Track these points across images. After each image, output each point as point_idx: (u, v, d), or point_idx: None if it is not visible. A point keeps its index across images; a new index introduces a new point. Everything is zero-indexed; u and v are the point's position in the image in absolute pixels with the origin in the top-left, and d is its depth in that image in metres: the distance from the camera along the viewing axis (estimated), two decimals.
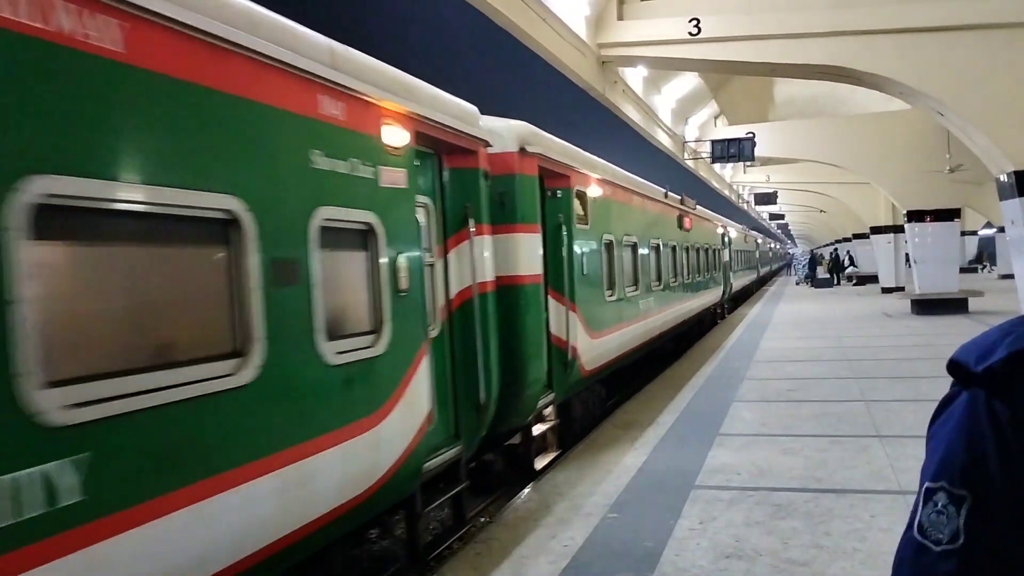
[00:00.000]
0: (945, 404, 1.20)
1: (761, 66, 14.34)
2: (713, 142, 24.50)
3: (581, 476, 7.52)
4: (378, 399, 5.03)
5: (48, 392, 2.76)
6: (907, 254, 26.49)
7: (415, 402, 5.48)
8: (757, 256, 50.05)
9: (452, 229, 6.58)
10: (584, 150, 10.62)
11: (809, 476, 7.08)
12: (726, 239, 28.77)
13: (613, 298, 11.52)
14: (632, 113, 19.22)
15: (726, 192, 43.09)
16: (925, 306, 22.00)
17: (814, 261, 47.89)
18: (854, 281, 42.96)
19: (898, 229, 29.50)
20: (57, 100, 2.94)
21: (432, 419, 5.76)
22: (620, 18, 14.99)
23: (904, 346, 15.78)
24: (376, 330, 5.11)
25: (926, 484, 1.20)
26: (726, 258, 28.37)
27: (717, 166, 33.93)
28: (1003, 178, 11.78)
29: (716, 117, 30.71)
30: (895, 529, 5.57)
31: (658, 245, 15.37)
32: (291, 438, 4.14)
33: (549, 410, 9.14)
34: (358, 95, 4.93)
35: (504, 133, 7.81)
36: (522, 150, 8.05)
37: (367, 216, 5.02)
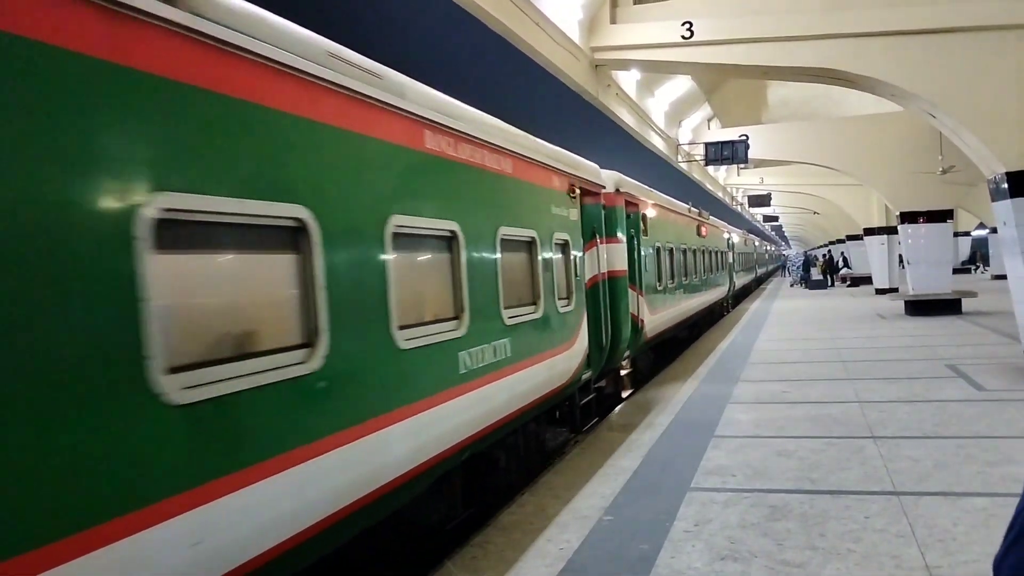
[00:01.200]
0: None
1: (753, 69, 14.38)
2: (707, 144, 24.55)
3: (577, 479, 7.54)
4: (571, 334, 9.45)
5: (506, 311, 7.25)
6: (900, 255, 26.56)
7: (582, 338, 9.91)
8: (755, 257, 55.56)
9: (586, 239, 10.61)
10: (578, 153, 10.85)
11: (804, 477, 7.10)
12: (730, 243, 32.76)
13: (661, 288, 16.02)
14: (626, 116, 19.26)
15: (720, 194, 43.15)
16: (919, 307, 22.09)
17: (808, 262, 47.91)
18: (848, 282, 43.09)
19: (891, 230, 29.60)
20: (508, 192, 7.68)
21: (587, 350, 10.13)
22: (613, 21, 15.02)
23: (898, 347, 15.84)
24: (569, 296, 9.44)
25: None
26: (730, 259, 32.50)
27: (711, 168, 34.00)
28: (995, 179, 11.83)
29: (709, 120, 30.76)
30: (890, 530, 5.61)
31: (685, 250, 19.60)
32: (550, 346, 8.60)
33: (626, 362, 13.45)
34: (562, 171, 9.49)
35: (608, 180, 12.14)
36: (617, 190, 12.50)
37: (566, 236, 9.48)
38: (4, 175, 2.80)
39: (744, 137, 24.02)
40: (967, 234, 53.72)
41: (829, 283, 43.55)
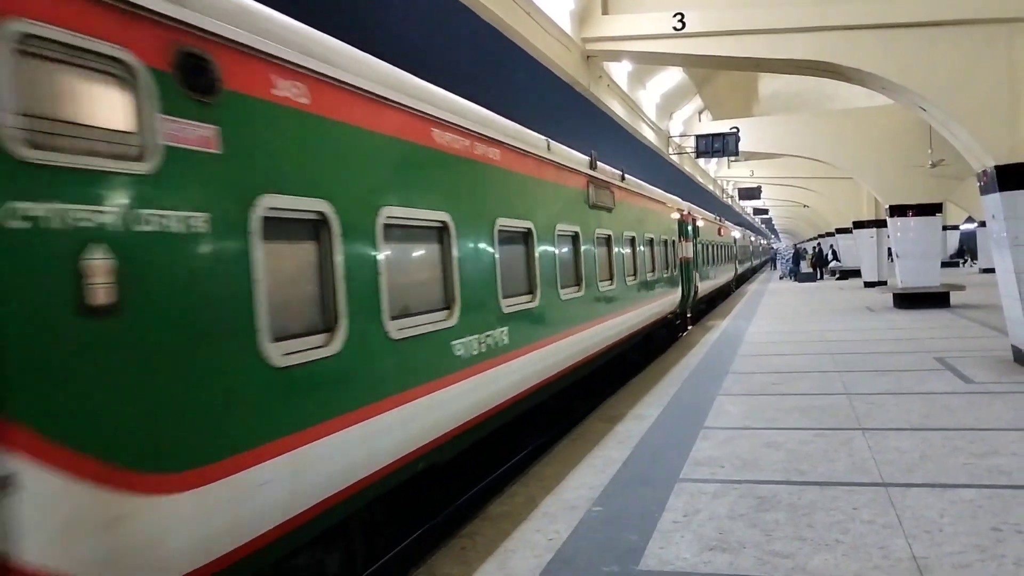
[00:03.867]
0: None
1: (745, 61, 14.36)
2: (698, 137, 24.58)
3: (567, 470, 7.54)
4: (676, 286, 19.66)
5: (663, 271, 18.19)
6: (889, 248, 26.68)
7: (679, 289, 19.97)
8: (751, 251, 69.33)
9: (680, 237, 20.56)
10: (568, 145, 10.89)
11: (792, 469, 7.13)
12: (735, 239, 42.93)
13: (703, 269, 25.40)
14: (617, 108, 19.24)
15: (711, 187, 43.20)
16: (907, 300, 22.20)
17: (798, 256, 47.94)
18: (837, 275, 43.22)
19: (880, 224, 29.72)
20: (663, 219, 18.86)
21: (681, 296, 20.24)
22: (605, 12, 14.99)
23: (886, 340, 15.90)
24: (676, 268, 19.81)
25: None
26: (735, 252, 42.55)
27: (701, 161, 34.04)
28: (984, 173, 11.87)
29: (700, 112, 30.76)
30: (877, 521, 5.63)
31: (713, 245, 29.71)
32: (671, 288, 18.96)
33: (688, 312, 22.13)
34: (673, 205, 19.95)
35: (683, 205, 21.69)
36: (688, 212, 22.05)
37: (675, 238, 19.99)
38: None
39: (735, 130, 24.06)
40: (956, 228, 53.97)
41: (818, 276, 43.68)
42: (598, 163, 12.12)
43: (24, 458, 2.94)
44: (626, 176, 14.29)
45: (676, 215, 20.21)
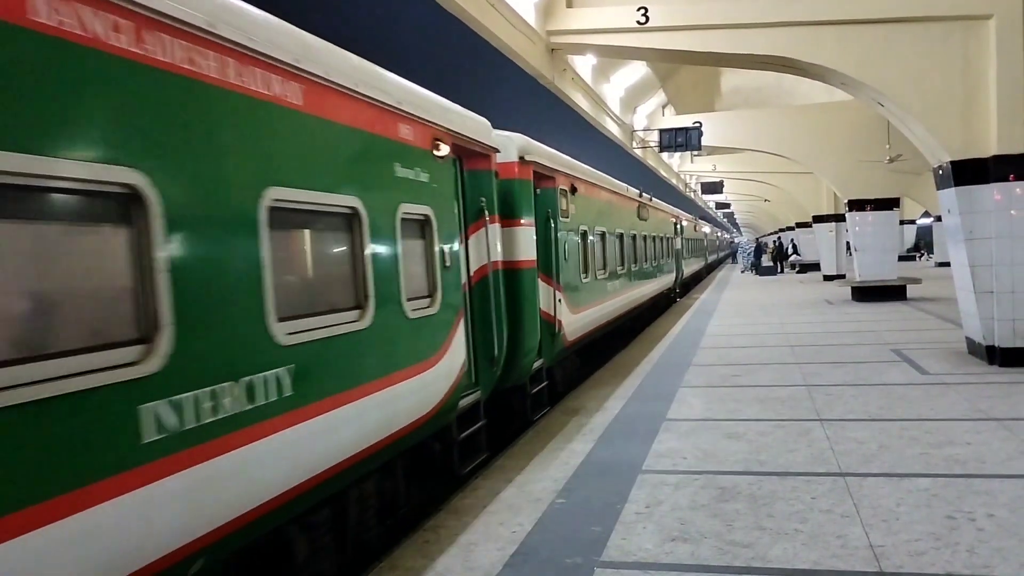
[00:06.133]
0: None
1: (707, 56, 14.45)
2: (661, 131, 24.70)
3: (530, 463, 7.55)
4: (673, 269, 27.92)
5: (663, 259, 24.89)
6: (848, 242, 27.09)
7: (674, 273, 28.24)
8: (717, 244, 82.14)
9: (673, 235, 28.61)
10: (533, 137, 10.84)
11: (753, 459, 7.20)
12: (705, 234, 52.49)
13: (684, 257, 32.58)
14: (581, 101, 19.26)
15: (673, 181, 43.50)
16: (865, 293, 22.56)
17: (759, 250, 48.39)
18: (797, 269, 43.80)
19: (839, 218, 30.16)
20: (665, 223, 27.14)
21: (675, 279, 28.48)
22: (569, 6, 14.98)
23: (845, 332, 16.16)
24: (672, 255, 27.75)
25: None
26: (705, 244, 52.38)
27: (665, 155, 34.25)
28: (940, 168, 12.08)
29: (664, 106, 30.95)
30: (835, 511, 5.71)
31: (690, 239, 36.64)
32: (669, 273, 26.61)
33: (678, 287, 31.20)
34: (672, 212, 29.86)
35: (675, 211, 31.55)
36: (678, 215, 31.17)
37: (671, 235, 28.06)
38: None
39: (697, 124, 24.22)
40: (912, 222, 55.01)
41: (779, 270, 44.23)
42: (642, 192, 20.23)
43: (559, 295, 10.99)
44: (653, 198, 22.35)
45: (672, 219, 28.23)
